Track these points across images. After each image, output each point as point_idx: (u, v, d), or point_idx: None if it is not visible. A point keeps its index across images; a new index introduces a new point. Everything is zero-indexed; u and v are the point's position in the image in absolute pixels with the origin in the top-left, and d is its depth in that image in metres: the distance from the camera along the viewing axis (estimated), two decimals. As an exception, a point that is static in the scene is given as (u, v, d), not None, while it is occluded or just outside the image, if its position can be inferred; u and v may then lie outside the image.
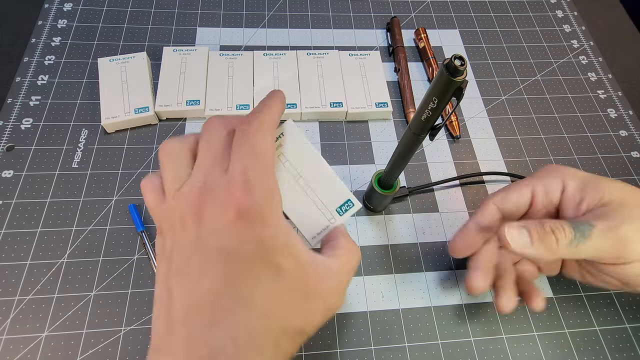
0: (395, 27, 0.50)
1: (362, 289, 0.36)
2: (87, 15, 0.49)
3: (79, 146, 0.40)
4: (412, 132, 0.27)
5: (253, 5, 0.52)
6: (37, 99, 0.42)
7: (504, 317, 0.35)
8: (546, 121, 0.47)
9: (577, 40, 0.54)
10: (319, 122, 0.44)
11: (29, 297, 0.33)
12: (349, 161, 0.42)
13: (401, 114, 0.46)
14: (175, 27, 0.49)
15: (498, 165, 0.43)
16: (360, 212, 0.39)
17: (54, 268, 0.34)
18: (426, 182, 0.41)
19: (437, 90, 0.23)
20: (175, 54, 0.45)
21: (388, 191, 0.35)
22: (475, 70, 0.50)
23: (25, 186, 0.38)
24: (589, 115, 0.48)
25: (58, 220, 0.36)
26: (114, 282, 0.34)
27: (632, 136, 0.47)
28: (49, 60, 0.45)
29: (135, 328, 0.33)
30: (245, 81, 0.44)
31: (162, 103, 0.42)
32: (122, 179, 0.39)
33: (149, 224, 0.37)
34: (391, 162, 0.32)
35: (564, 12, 0.57)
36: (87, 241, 0.36)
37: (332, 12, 0.53)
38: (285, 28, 0.51)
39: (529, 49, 0.52)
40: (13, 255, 0.35)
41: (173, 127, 0.42)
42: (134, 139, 0.41)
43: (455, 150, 0.44)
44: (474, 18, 0.54)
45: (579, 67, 0.52)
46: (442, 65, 0.22)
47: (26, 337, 0.32)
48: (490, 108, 0.47)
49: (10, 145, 0.40)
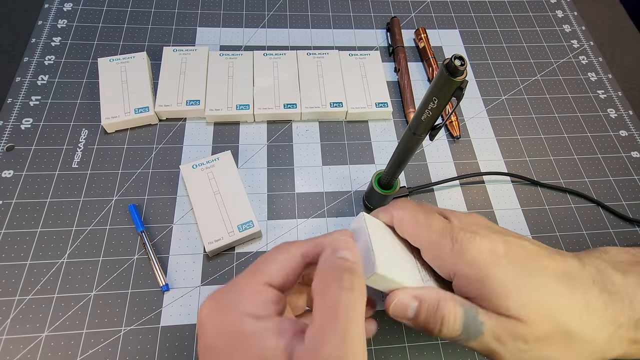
0: (395, 27, 0.50)
1: (362, 289, 0.35)
2: (87, 15, 0.49)
3: (79, 146, 0.40)
4: (412, 132, 0.27)
5: (253, 5, 0.52)
6: (37, 99, 0.42)
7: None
8: (546, 121, 0.47)
9: (577, 40, 0.54)
10: (319, 122, 0.44)
11: (29, 297, 0.33)
12: (349, 161, 0.42)
13: (401, 114, 0.46)
14: (175, 27, 0.49)
15: (498, 165, 0.43)
16: (361, 212, 0.39)
17: (54, 268, 0.34)
18: (426, 182, 0.41)
19: (437, 90, 0.23)
20: (175, 54, 0.45)
21: (388, 191, 0.35)
22: (475, 70, 0.50)
23: (25, 186, 0.38)
24: (589, 115, 0.48)
25: (58, 220, 0.36)
26: (114, 282, 0.34)
27: (632, 136, 0.47)
28: (49, 60, 0.45)
29: (135, 328, 0.33)
30: (245, 81, 0.44)
31: (162, 103, 0.42)
32: (122, 179, 0.39)
33: (148, 224, 0.37)
34: (391, 162, 0.32)
35: (564, 12, 0.57)
36: (87, 241, 0.36)
37: (332, 12, 0.53)
38: (285, 28, 0.51)
39: (529, 49, 0.52)
40: (13, 255, 0.35)
41: (173, 127, 0.42)
42: (134, 139, 0.41)
43: (455, 150, 0.44)
44: (474, 18, 0.54)
45: (579, 67, 0.52)
46: (442, 65, 0.22)
47: (26, 337, 0.32)
48: (490, 108, 0.47)
49: (10, 145, 0.40)
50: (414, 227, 0.26)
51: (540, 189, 0.42)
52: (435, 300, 0.24)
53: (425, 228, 0.26)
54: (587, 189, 0.43)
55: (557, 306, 0.23)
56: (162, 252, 0.36)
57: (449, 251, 0.24)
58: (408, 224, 0.27)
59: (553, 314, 0.23)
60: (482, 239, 0.24)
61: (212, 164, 0.39)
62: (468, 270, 0.24)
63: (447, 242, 0.25)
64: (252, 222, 0.36)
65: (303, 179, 0.41)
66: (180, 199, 0.38)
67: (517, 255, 0.24)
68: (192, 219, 0.37)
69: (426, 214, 0.27)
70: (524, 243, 0.25)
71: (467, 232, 0.25)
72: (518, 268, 0.24)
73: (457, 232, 0.25)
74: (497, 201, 0.41)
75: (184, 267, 0.35)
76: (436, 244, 0.25)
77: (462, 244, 0.24)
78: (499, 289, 0.23)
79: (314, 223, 0.38)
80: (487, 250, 0.24)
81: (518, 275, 0.24)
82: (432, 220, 0.26)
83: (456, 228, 0.25)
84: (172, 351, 0.32)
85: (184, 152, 0.41)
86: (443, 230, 0.25)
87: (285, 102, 0.43)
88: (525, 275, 0.24)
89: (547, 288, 0.24)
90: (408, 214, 0.27)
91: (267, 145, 0.42)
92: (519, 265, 0.24)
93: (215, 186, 0.37)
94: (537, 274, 0.24)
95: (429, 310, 0.24)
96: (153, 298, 0.34)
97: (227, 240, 0.35)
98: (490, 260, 0.24)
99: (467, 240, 0.24)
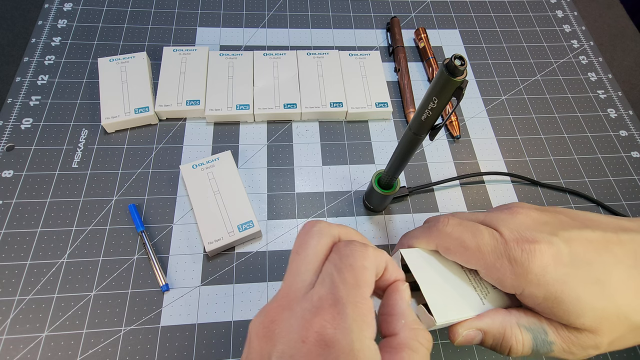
0: (395, 27, 0.50)
1: (362, 289, 0.35)
2: (87, 15, 0.49)
3: (79, 146, 0.40)
4: (412, 132, 0.27)
5: (253, 5, 0.52)
6: (37, 99, 0.42)
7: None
8: (546, 121, 0.47)
9: (577, 40, 0.54)
10: (319, 122, 0.44)
11: (29, 297, 0.33)
12: (349, 161, 0.42)
13: (401, 114, 0.46)
14: (175, 27, 0.49)
15: (498, 165, 0.43)
16: (360, 212, 0.39)
17: (54, 268, 0.34)
18: (426, 182, 0.41)
19: (437, 90, 0.23)
20: (175, 54, 0.45)
21: (388, 191, 0.35)
22: (475, 70, 0.50)
23: (25, 186, 0.38)
24: (589, 115, 0.48)
25: (58, 220, 0.36)
26: (114, 282, 0.34)
27: (632, 136, 0.46)
28: (49, 60, 0.45)
29: (135, 328, 0.33)
30: (245, 81, 0.44)
31: (162, 103, 0.42)
32: (122, 179, 0.39)
33: (148, 224, 0.37)
34: (391, 162, 0.32)
35: (564, 12, 0.57)
36: (87, 241, 0.36)
37: (332, 12, 0.53)
38: (285, 28, 0.51)
39: (529, 49, 0.52)
40: (13, 255, 0.35)
41: (173, 127, 0.42)
42: (134, 139, 0.41)
43: (455, 150, 0.44)
44: (474, 18, 0.54)
45: (579, 67, 0.52)
46: (442, 65, 0.22)
47: (26, 337, 0.32)
48: (490, 108, 0.47)
49: (10, 145, 0.40)
50: (464, 254, 0.25)
51: (540, 189, 0.42)
52: (501, 330, 0.24)
53: (476, 253, 0.24)
54: (587, 189, 0.43)
55: (631, 308, 0.22)
56: (162, 252, 0.36)
57: (509, 273, 0.23)
58: (456, 252, 0.25)
59: (627, 316, 0.22)
60: (542, 251, 0.22)
61: (212, 164, 0.38)
62: (534, 290, 0.23)
63: (505, 264, 0.23)
64: (252, 222, 0.36)
65: (303, 179, 0.41)
66: (180, 199, 0.38)
67: (583, 258, 0.23)
68: (192, 219, 0.37)
69: (472, 234, 0.24)
70: (587, 234, 0.24)
71: (524, 245, 0.23)
72: (587, 275, 0.22)
73: (513, 249, 0.23)
74: (497, 201, 0.41)
75: (184, 267, 0.35)
76: (493, 267, 0.23)
77: (522, 264, 0.22)
78: (571, 308, 0.22)
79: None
80: (550, 264, 0.22)
81: (589, 287, 0.22)
82: (481, 240, 0.24)
83: (510, 243, 0.23)
84: (172, 351, 0.32)
85: (184, 152, 0.41)
86: (496, 250, 0.23)
87: (285, 102, 0.43)
88: (596, 285, 0.22)
89: (619, 291, 0.22)
90: (453, 241, 0.25)
91: (267, 145, 0.42)
92: (588, 270, 0.22)
93: (215, 186, 0.37)
94: (607, 277, 0.23)
95: (495, 341, 0.24)
96: (153, 298, 0.34)
97: (227, 240, 0.35)
98: (556, 277, 0.22)
99: (527, 258, 0.22)
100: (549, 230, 0.24)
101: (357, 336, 0.18)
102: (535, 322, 0.24)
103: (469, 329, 0.24)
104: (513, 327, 0.24)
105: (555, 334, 0.23)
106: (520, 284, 0.23)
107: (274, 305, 0.20)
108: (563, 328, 0.23)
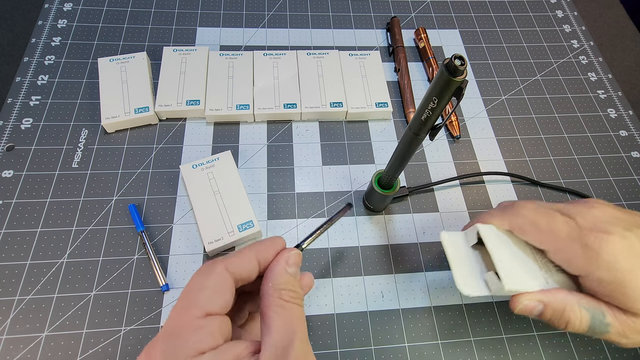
0: (395, 27, 0.50)
1: (362, 289, 0.36)
2: (87, 15, 0.49)
3: (79, 146, 0.40)
4: (412, 132, 0.27)
5: (253, 5, 0.52)
6: (37, 99, 0.42)
7: (504, 317, 0.35)
8: (546, 121, 0.47)
9: (577, 40, 0.54)
10: (319, 122, 0.44)
11: (29, 297, 0.33)
12: (349, 161, 0.42)
13: (401, 114, 0.46)
14: (175, 27, 0.49)
15: (498, 165, 0.43)
16: (360, 212, 0.39)
17: (54, 268, 0.34)
18: (426, 182, 0.41)
19: (437, 90, 0.23)
20: (175, 54, 0.45)
21: (388, 191, 0.35)
22: (475, 70, 0.50)
23: (25, 186, 0.38)
24: (589, 115, 0.48)
25: (58, 220, 0.36)
26: (114, 282, 0.34)
27: (632, 136, 0.46)
28: (49, 60, 0.45)
29: (135, 328, 0.33)
30: (245, 81, 0.44)
31: (162, 103, 0.42)
32: (122, 179, 0.39)
33: (148, 224, 0.37)
34: (391, 162, 0.32)
35: (564, 12, 0.57)
36: (87, 241, 0.36)
37: (332, 12, 0.53)
38: (285, 28, 0.51)
39: (529, 49, 0.52)
40: (13, 255, 0.35)
41: (173, 127, 0.42)
42: (134, 139, 0.41)
43: (455, 150, 0.44)
44: (474, 18, 0.54)
45: (579, 67, 0.52)
46: (442, 65, 0.22)
47: (26, 337, 0.32)
48: (490, 108, 0.47)
49: (10, 145, 0.40)
50: (537, 235, 0.26)
51: (540, 189, 0.42)
52: (562, 305, 0.25)
53: (549, 234, 0.26)
54: (587, 189, 0.43)
55: None
56: (162, 252, 0.36)
57: (580, 256, 0.24)
58: (530, 232, 0.27)
59: None
60: (614, 241, 0.24)
61: (212, 164, 0.38)
62: (602, 274, 0.24)
63: (577, 247, 0.25)
64: (252, 222, 0.36)
65: (303, 179, 0.41)
66: (180, 199, 0.38)
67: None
68: (192, 219, 0.37)
69: (548, 219, 0.26)
70: None
71: (597, 233, 0.24)
72: None
73: (587, 235, 0.24)
74: (497, 201, 0.41)
75: (184, 267, 0.35)
76: (564, 249, 0.25)
77: (594, 248, 0.24)
78: (632, 293, 0.23)
79: (314, 223, 0.38)
80: (621, 252, 0.24)
81: None
82: (556, 224, 0.26)
83: (585, 230, 0.25)
84: (172, 351, 0.32)
85: (184, 152, 0.41)
86: (570, 234, 0.25)
87: (285, 102, 0.43)
88: None
89: None
90: (528, 222, 0.27)
91: (267, 145, 0.42)
92: None
93: (215, 186, 0.37)
94: None
95: (554, 314, 0.25)
96: (153, 298, 0.34)
97: (227, 240, 0.35)
98: (626, 265, 0.23)
99: (599, 245, 0.24)
100: (624, 226, 0.25)
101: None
102: (595, 304, 0.25)
103: (531, 300, 0.25)
104: (574, 305, 0.25)
105: (613, 317, 0.24)
106: (590, 267, 0.24)
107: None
108: (621, 312, 0.24)
